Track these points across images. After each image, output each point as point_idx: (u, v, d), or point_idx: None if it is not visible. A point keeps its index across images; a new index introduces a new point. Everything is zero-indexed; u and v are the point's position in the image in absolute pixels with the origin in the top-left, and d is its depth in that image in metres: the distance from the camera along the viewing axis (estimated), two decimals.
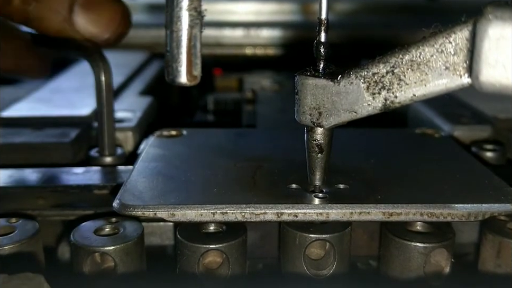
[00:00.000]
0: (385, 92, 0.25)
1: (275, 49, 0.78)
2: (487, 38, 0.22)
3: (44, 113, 0.44)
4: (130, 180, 0.30)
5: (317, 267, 0.27)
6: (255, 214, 0.27)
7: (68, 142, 0.38)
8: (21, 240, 0.27)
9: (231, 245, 0.27)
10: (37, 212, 0.32)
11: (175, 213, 0.26)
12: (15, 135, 0.40)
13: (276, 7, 0.87)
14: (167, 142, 0.37)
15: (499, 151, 0.39)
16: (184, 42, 0.24)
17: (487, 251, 0.28)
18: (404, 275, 0.27)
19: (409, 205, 0.27)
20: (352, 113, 0.26)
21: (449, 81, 0.24)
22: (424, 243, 0.27)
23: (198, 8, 0.24)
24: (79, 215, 0.32)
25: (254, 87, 0.60)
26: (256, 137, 0.39)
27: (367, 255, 0.30)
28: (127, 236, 0.27)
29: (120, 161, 0.38)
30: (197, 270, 0.27)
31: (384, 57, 0.25)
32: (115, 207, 0.27)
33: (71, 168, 0.36)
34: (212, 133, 0.39)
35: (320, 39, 0.26)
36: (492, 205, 0.27)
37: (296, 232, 0.27)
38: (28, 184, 0.33)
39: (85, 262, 0.26)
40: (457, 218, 0.27)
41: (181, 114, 0.58)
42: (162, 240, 0.31)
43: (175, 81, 0.25)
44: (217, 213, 0.26)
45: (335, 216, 0.27)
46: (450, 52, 0.24)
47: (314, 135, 0.27)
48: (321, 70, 0.27)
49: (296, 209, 0.27)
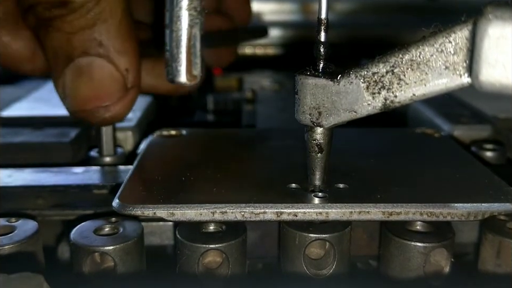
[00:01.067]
0: (385, 92, 0.25)
1: (275, 49, 0.78)
2: (487, 37, 0.22)
3: (44, 113, 0.44)
4: (130, 180, 0.30)
5: (316, 267, 0.27)
6: (254, 214, 0.27)
7: (68, 141, 0.38)
8: (21, 240, 0.27)
9: (231, 245, 0.27)
10: (37, 212, 0.32)
11: (175, 212, 0.26)
12: (15, 134, 0.40)
13: (276, 7, 0.87)
14: (167, 142, 0.37)
15: (499, 151, 0.39)
16: (184, 42, 0.24)
17: (487, 251, 0.28)
18: (404, 274, 0.27)
19: (408, 205, 0.27)
20: (352, 113, 0.26)
21: (449, 81, 0.24)
22: (424, 243, 0.27)
23: (198, 7, 0.24)
24: (79, 215, 0.32)
25: (254, 86, 0.60)
26: (256, 136, 0.39)
27: (367, 255, 0.30)
28: (127, 236, 0.27)
29: (120, 161, 0.38)
30: (197, 270, 0.27)
31: (384, 57, 0.25)
32: (115, 206, 0.27)
33: (71, 168, 0.36)
34: (212, 133, 0.39)
35: (320, 39, 0.26)
36: (491, 204, 0.27)
37: (296, 232, 0.27)
38: (28, 184, 0.33)
39: (85, 262, 0.26)
40: (457, 218, 0.27)
41: (181, 113, 0.58)
42: (161, 239, 0.31)
43: (175, 80, 0.25)
44: (216, 212, 0.26)
45: (334, 215, 0.27)
46: (450, 51, 0.24)
47: (314, 135, 0.27)
48: (321, 70, 0.26)
49: (296, 209, 0.27)
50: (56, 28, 0.30)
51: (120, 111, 0.31)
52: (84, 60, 0.30)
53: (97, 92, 0.31)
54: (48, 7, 0.29)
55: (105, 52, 0.30)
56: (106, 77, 0.30)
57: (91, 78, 0.30)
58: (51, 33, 0.30)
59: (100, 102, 0.31)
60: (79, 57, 0.30)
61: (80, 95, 0.31)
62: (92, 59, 0.30)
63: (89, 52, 0.30)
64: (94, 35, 0.30)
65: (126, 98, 0.31)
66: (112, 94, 0.31)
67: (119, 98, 0.31)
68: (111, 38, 0.30)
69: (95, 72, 0.30)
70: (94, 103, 0.31)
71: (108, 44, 0.30)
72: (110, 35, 0.30)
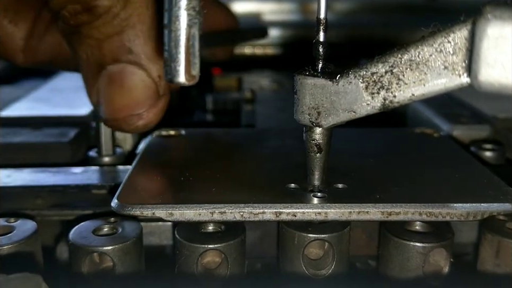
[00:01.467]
0: (384, 92, 0.25)
1: (274, 49, 0.78)
2: (486, 37, 0.22)
3: (43, 113, 0.44)
4: (129, 180, 0.30)
5: (315, 267, 0.27)
6: (253, 214, 0.27)
7: (67, 141, 0.38)
8: (19, 240, 0.27)
9: (230, 245, 0.27)
10: (36, 212, 0.32)
11: (174, 213, 0.26)
12: (14, 134, 0.40)
13: (275, 7, 0.87)
14: (166, 142, 0.37)
15: (498, 151, 0.39)
16: (183, 42, 0.24)
17: (486, 251, 0.28)
18: (403, 274, 0.27)
19: (407, 205, 0.27)
20: (351, 113, 0.26)
21: (448, 81, 0.24)
22: (423, 243, 0.27)
23: (197, 7, 0.24)
24: (78, 215, 0.32)
25: (253, 86, 0.60)
26: (255, 136, 0.39)
27: (366, 255, 0.30)
28: (126, 236, 0.27)
29: (119, 161, 0.38)
30: (196, 270, 0.27)
31: (383, 57, 0.25)
32: (113, 206, 0.27)
33: (70, 168, 0.36)
34: (211, 133, 0.39)
35: (319, 39, 0.26)
36: (491, 204, 0.27)
37: (295, 232, 0.27)
38: (27, 184, 0.33)
39: (83, 262, 0.26)
40: (456, 218, 0.27)
41: (180, 113, 0.58)
42: (160, 239, 0.31)
43: (174, 80, 0.25)
44: (215, 213, 0.26)
45: (333, 215, 0.27)
46: (449, 51, 0.24)
47: (313, 135, 0.27)
48: (320, 70, 0.26)
49: (295, 209, 0.27)
50: (85, 35, 0.29)
51: (152, 119, 0.31)
52: (115, 67, 0.30)
53: (129, 100, 0.30)
54: (74, 13, 0.29)
55: (136, 59, 0.29)
56: (138, 84, 0.30)
57: (123, 86, 0.30)
58: (81, 40, 0.30)
59: (133, 110, 0.30)
60: (110, 65, 0.30)
61: (112, 103, 0.30)
62: (123, 66, 0.30)
63: (120, 59, 0.29)
64: (123, 41, 0.29)
65: (158, 105, 0.31)
66: (145, 101, 0.30)
67: (152, 105, 0.30)
68: (141, 44, 0.29)
69: (127, 80, 0.30)
70: (127, 111, 0.30)
71: (138, 51, 0.29)
72: (140, 41, 0.29)
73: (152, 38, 0.29)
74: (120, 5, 0.28)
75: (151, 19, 0.29)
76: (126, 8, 0.28)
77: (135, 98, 0.30)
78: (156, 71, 0.30)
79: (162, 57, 0.28)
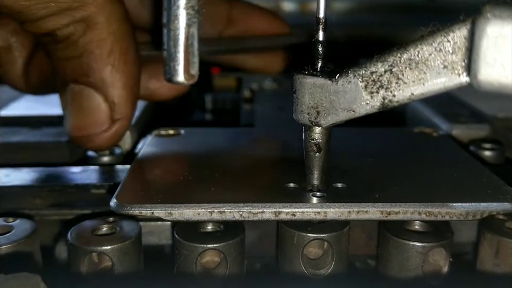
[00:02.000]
0: (383, 91, 0.25)
1: None
2: (485, 37, 0.22)
3: (42, 112, 0.44)
4: (128, 179, 0.30)
5: (315, 266, 0.27)
6: (252, 213, 0.26)
7: (65, 141, 0.38)
8: (18, 240, 0.27)
9: (229, 244, 0.27)
10: (35, 211, 0.32)
11: (173, 212, 0.26)
12: (13, 134, 0.40)
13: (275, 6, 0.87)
14: (165, 141, 0.37)
15: (498, 150, 0.39)
16: (182, 41, 0.24)
17: (486, 251, 0.28)
18: (402, 274, 0.27)
19: (407, 204, 0.27)
20: (350, 112, 0.26)
21: (447, 80, 0.24)
22: (422, 243, 0.27)
23: (196, 6, 0.24)
24: (76, 215, 0.32)
25: (252, 86, 0.60)
26: (254, 136, 0.39)
27: (366, 254, 0.30)
28: (125, 236, 0.27)
29: (118, 160, 0.38)
30: (195, 270, 0.27)
31: (382, 56, 0.25)
32: (112, 206, 0.27)
33: (68, 167, 0.35)
34: (210, 132, 0.39)
35: (318, 38, 0.26)
36: (490, 204, 0.27)
37: (294, 231, 0.27)
38: (25, 183, 0.33)
39: (82, 262, 0.26)
40: (456, 217, 0.27)
41: (179, 113, 0.58)
42: (159, 239, 0.31)
43: (173, 79, 0.25)
44: (214, 212, 0.26)
45: (332, 215, 0.27)
46: (449, 50, 0.24)
47: (312, 134, 0.27)
48: (319, 69, 0.26)
49: (294, 208, 0.27)
50: (51, 54, 0.31)
51: (104, 142, 0.31)
52: (76, 88, 0.31)
53: (82, 122, 0.31)
54: (38, 35, 0.30)
55: (94, 82, 0.30)
56: (93, 108, 0.30)
57: (81, 107, 0.31)
58: (51, 56, 0.31)
59: (86, 131, 0.31)
60: (72, 84, 0.31)
61: (69, 121, 0.31)
62: (82, 88, 0.30)
63: (79, 80, 0.30)
64: (82, 64, 0.30)
65: (111, 130, 0.31)
66: (97, 125, 0.31)
67: (104, 130, 0.31)
68: (99, 69, 0.30)
69: (83, 101, 0.31)
70: (80, 132, 0.31)
71: (96, 75, 0.30)
72: (98, 66, 0.29)
73: (112, 61, 0.30)
74: (78, 32, 0.29)
75: (114, 42, 0.29)
76: (85, 35, 0.29)
77: (87, 120, 0.31)
78: (112, 96, 0.30)
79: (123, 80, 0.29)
